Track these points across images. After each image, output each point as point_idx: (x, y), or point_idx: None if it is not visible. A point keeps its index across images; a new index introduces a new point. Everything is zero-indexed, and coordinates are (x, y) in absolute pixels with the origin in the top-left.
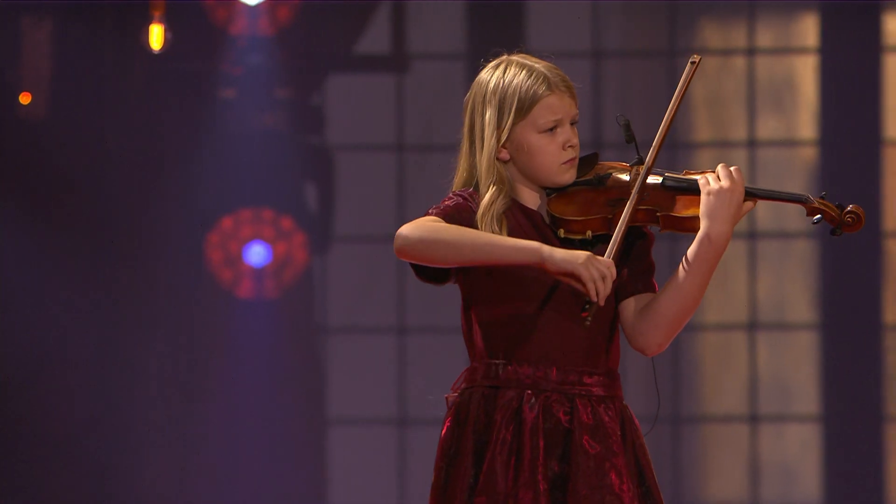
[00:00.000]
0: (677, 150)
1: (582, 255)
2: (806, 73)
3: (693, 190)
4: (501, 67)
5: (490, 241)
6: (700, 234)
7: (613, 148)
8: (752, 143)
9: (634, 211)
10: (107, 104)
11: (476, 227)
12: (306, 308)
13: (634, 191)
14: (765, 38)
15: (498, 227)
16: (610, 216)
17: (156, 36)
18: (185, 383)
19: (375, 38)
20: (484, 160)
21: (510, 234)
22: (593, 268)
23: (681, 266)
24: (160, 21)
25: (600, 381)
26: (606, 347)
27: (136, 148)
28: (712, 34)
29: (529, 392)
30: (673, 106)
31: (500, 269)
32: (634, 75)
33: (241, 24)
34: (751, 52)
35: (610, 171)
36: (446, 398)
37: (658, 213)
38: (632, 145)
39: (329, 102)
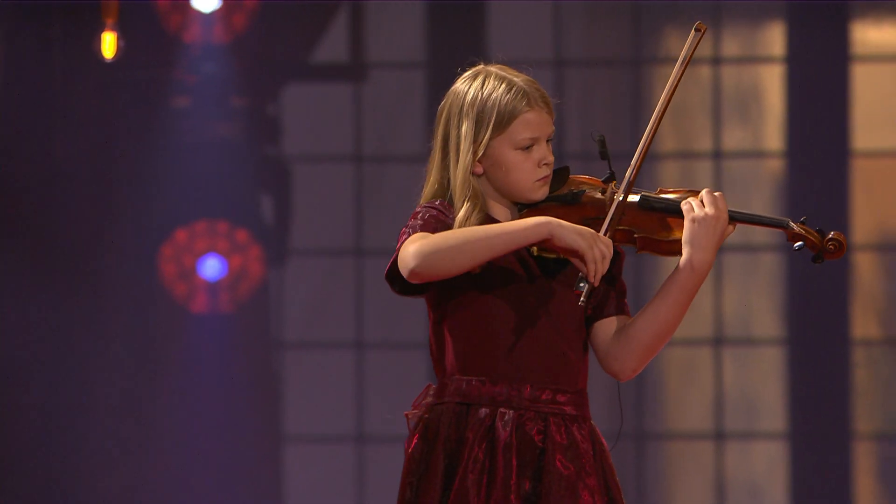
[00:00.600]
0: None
1: (588, 231)
2: (773, 82)
3: (673, 211)
4: (480, 79)
5: (498, 230)
6: (683, 261)
7: (575, 159)
8: (717, 155)
9: (612, 231)
10: (57, 113)
11: None
12: (262, 323)
13: (613, 209)
14: (730, 46)
15: None
16: None
17: (108, 44)
18: (137, 400)
19: (333, 46)
20: (459, 174)
21: None
22: (596, 247)
23: (659, 292)
24: (112, 28)
25: (572, 400)
26: (578, 366)
27: (87, 158)
28: (677, 42)
29: (503, 410)
30: (658, 112)
31: (474, 284)
32: (597, 84)
33: (195, 31)
34: (716, 60)
35: (583, 187)
36: (406, 415)
37: (636, 234)
38: (604, 161)
39: (286, 112)
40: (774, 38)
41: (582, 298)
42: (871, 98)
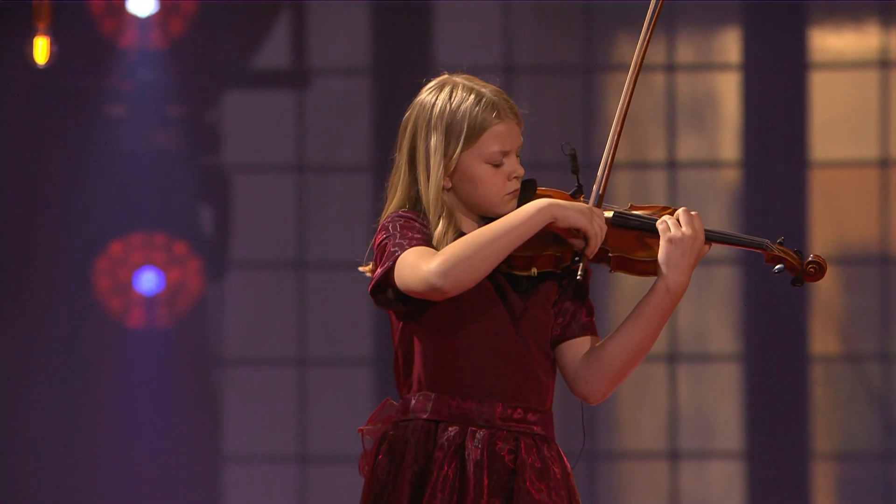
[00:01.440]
0: (592, 171)
1: (586, 207)
2: (728, 90)
3: (647, 230)
4: (447, 90)
5: (507, 227)
6: (658, 283)
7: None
8: (671, 165)
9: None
10: None
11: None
12: (201, 338)
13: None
14: (685, 53)
15: None
16: (559, 254)
17: (40, 49)
18: (71, 419)
19: (274, 52)
20: (432, 190)
21: None
22: (596, 222)
23: (633, 314)
24: (45, 33)
25: (542, 420)
26: (548, 386)
27: (18, 168)
28: (630, 49)
29: (474, 428)
30: (619, 118)
31: (447, 300)
32: (548, 91)
33: (131, 36)
34: (670, 67)
35: None
36: (360, 431)
37: (609, 253)
38: (574, 174)
39: (225, 120)
40: (730, 45)
41: (579, 273)
42: (830, 106)
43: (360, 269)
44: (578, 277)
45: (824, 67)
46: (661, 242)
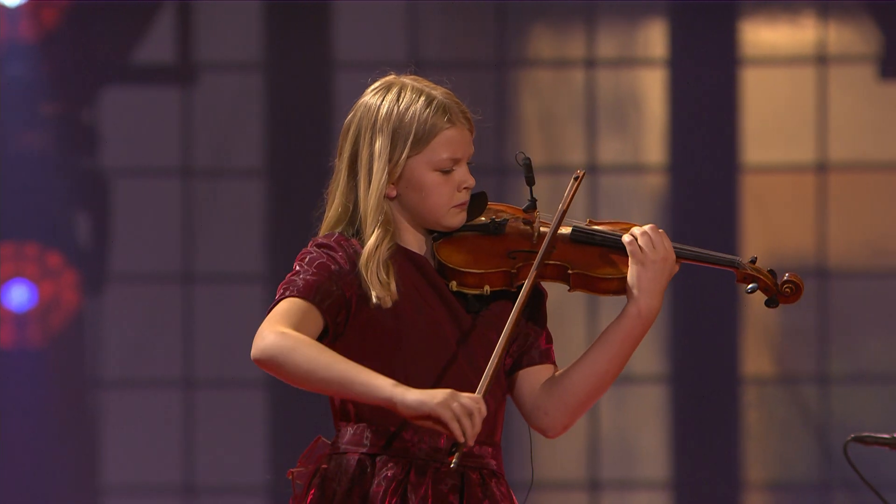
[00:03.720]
0: (506, 176)
1: (439, 393)
2: (653, 87)
3: (611, 246)
4: (394, 92)
5: (343, 375)
6: (629, 308)
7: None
8: (592, 168)
9: (542, 267)
10: None
11: (351, 282)
12: (77, 358)
13: (545, 244)
14: (606, 47)
15: (385, 274)
16: (513, 270)
17: None
18: None
19: (158, 45)
20: (372, 198)
21: (398, 282)
22: (456, 405)
23: (599, 341)
24: None
25: (490, 454)
26: (497, 416)
27: None
28: (546, 43)
29: (416, 463)
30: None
31: (388, 318)
32: (457, 88)
33: None
34: (590, 63)
35: (503, 215)
36: (290, 475)
37: (570, 271)
38: (529, 186)
39: (104, 119)
40: (655, 38)
41: (454, 463)
42: (763, 105)
43: None
44: (452, 467)
45: (757, 63)
46: (631, 263)
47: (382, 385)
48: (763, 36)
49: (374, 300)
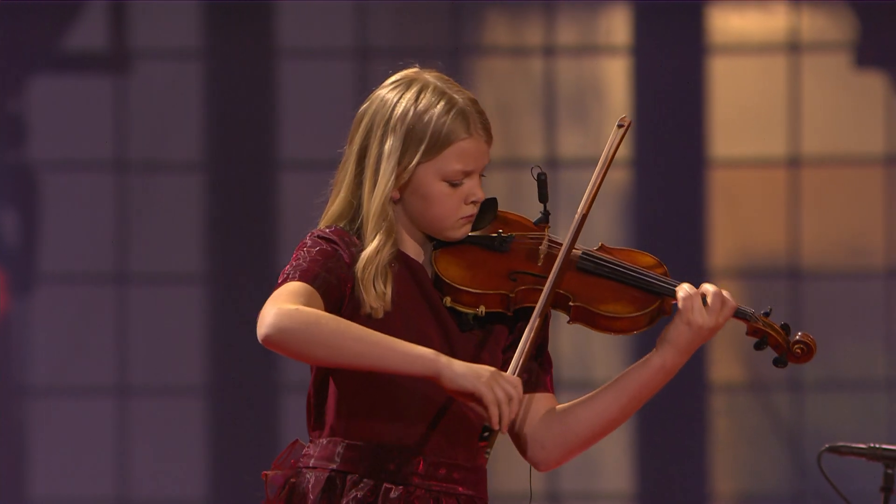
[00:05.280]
0: None
1: (484, 371)
2: (616, 77)
3: (620, 280)
4: (414, 90)
5: (379, 344)
6: (654, 360)
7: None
8: (551, 163)
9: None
10: None
11: (348, 279)
12: (3, 364)
13: (553, 274)
14: (566, 33)
15: (382, 281)
16: (512, 294)
17: None
18: None
19: (89, 31)
20: (376, 200)
21: (394, 290)
22: (499, 388)
23: (615, 386)
24: None
25: (469, 479)
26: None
27: None
28: (502, 30)
29: (388, 485)
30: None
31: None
32: None
33: None
34: (549, 51)
35: (512, 229)
36: (264, 476)
37: (571, 303)
38: (542, 202)
39: (31, 110)
40: (618, 25)
41: (488, 450)
42: (732, 96)
43: None
44: (486, 455)
45: (726, 51)
46: (678, 321)
47: (425, 353)
48: (732, 22)
49: (368, 309)
